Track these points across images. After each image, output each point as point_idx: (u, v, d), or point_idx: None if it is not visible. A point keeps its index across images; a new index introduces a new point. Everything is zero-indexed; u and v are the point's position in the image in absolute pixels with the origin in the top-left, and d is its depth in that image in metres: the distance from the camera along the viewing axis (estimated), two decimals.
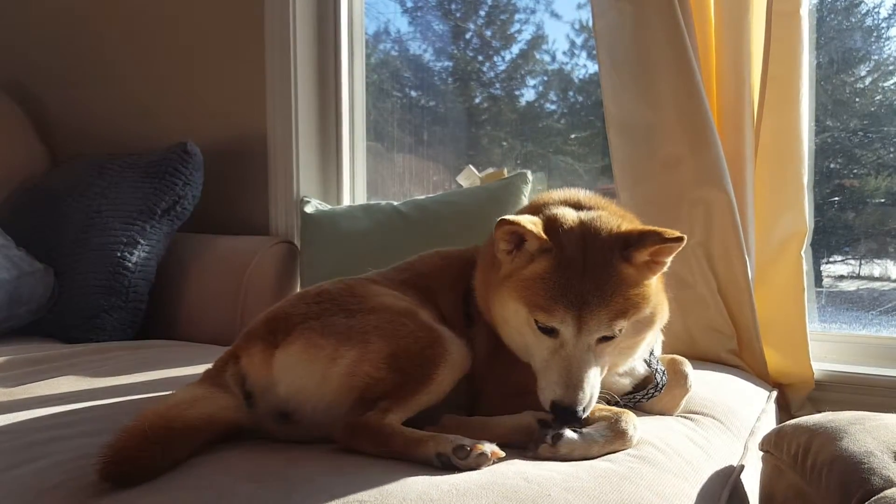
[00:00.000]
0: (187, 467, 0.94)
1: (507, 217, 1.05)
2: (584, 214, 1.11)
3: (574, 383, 1.00)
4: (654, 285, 1.09)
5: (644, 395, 1.21)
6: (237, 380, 1.10)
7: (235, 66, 2.49)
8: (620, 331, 1.04)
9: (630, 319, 1.04)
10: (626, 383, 1.22)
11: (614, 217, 1.11)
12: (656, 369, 1.21)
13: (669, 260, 1.08)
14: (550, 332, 1.04)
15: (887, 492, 0.83)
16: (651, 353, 1.22)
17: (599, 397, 1.06)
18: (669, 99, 1.67)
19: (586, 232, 1.07)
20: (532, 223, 1.06)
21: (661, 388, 1.21)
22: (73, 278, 2.14)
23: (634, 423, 1.05)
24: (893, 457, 0.94)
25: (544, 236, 1.05)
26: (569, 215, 1.10)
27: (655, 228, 1.05)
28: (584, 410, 1.00)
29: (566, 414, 0.99)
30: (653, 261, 1.06)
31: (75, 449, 1.03)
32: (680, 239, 1.03)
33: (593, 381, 1.02)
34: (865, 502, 0.85)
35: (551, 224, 1.08)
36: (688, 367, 1.26)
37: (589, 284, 1.02)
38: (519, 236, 1.07)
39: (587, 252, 1.05)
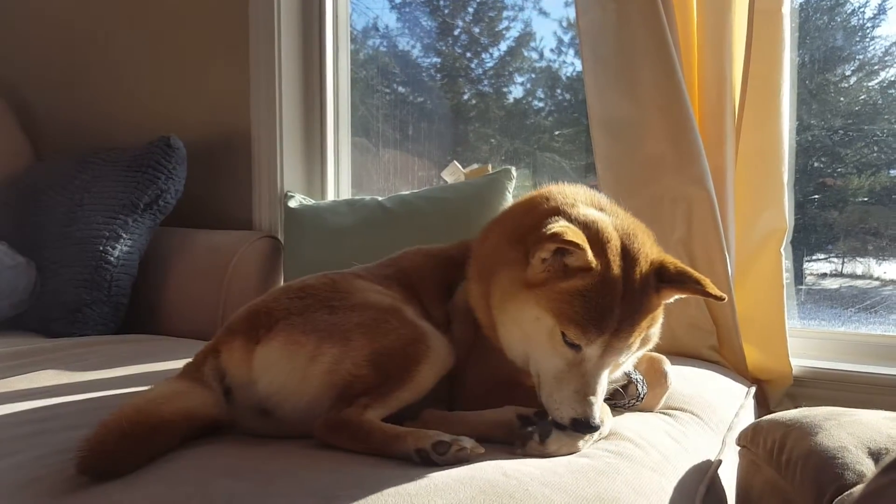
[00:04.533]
0: (165, 462, 0.94)
1: (558, 231, 0.97)
2: (621, 230, 1.07)
3: (592, 400, 1.01)
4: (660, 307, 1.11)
5: (624, 405, 1.22)
6: (216, 375, 1.09)
7: (219, 61, 2.48)
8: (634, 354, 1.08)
9: (645, 344, 1.09)
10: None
11: (645, 237, 1.10)
12: (636, 380, 1.22)
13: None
14: (574, 346, 1.02)
15: (854, 489, 0.84)
16: None
17: None
18: (652, 96, 1.68)
19: (627, 253, 1.04)
20: (584, 239, 0.99)
21: (642, 398, 1.21)
22: (56, 272, 2.13)
23: (607, 413, 1.09)
24: (867, 452, 0.95)
25: (593, 259, 0.99)
26: (610, 231, 1.05)
27: (698, 277, 1.06)
28: (600, 423, 1.03)
29: (587, 429, 1.00)
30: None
31: (55, 443, 1.03)
32: (721, 299, 1.05)
33: (602, 395, 1.04)
34: (837, 498, 0.86)
35: (595, 238, 1.02)
36: (667, 365, 1.27)
37: (626, 311, 1.01)
38: (564, 250, 1.01)
39: (627, 276, 1.02)
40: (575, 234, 0.98)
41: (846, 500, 0.81)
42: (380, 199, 2.14)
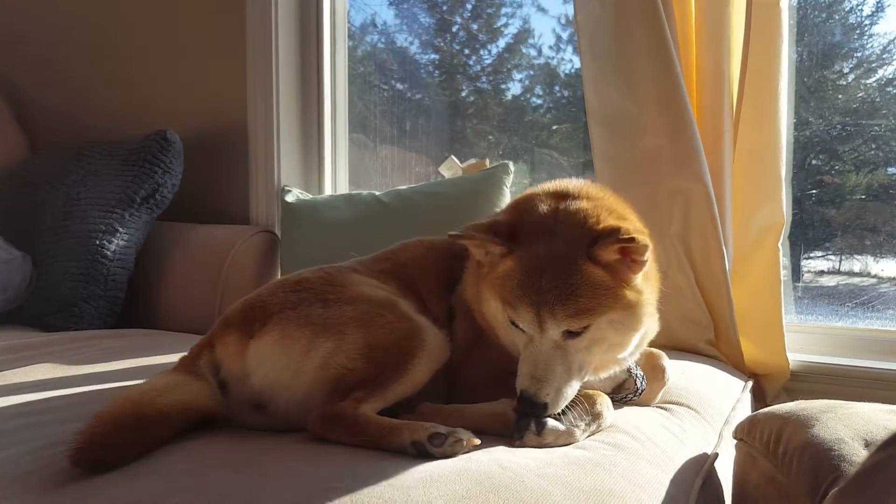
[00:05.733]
0: (160, 454, 0.93)
1: (453, 233, 1.09)
2: (561, 208, 1.09)
3: (539, 376, 1.00)
4: (638, 287, 1.05)
5: (623, 399, 1.22)
6: (211, 368, 1.09)
7: (216, 55, 2.47)
8: (586, 328, 1.02)
9: (599, 318, 1.01)
10: (604, 384, 1.22)
11: (599, 210, 1.07)
12: (636, 374, 1.22)
13: (646, 259, 1.04)
14: (519, 327, 1.05)
15: (845, 476, 0.83)
16: None
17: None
18: (649, 90, 1.68)
19: (556, 228, 1.05)
20: (486, 230, 1.07)
21: (641, 393, 1.22)
22: (52, 266, 2.12)
23: (608, 405, 1.08)
24: (864, 444, 0.94)
25: (496, 244, 1.06)
26: (539, 211, 1.09)
27: (616, 225, 1.02)
28: (548, 406, 1.00)
29: (529, 405, 1.00)
30: (627, 259, 1.03)
31: (49, 436, 1.02)
32: (632, 240, 0.99)
33: (561, 377, 1.01)
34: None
35: (522, 221, 1.08)
36: (665, 360, 1.27)
37: (547, 283, 1.00)
38: (482, 245, 1.09)
39: (552, 249, 1.03)
40: (479, 228, 1.07)
41: (840, 481, 0.81)
42: (377, 193, 2.14)
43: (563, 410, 1.03)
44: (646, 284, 1.08)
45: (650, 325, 1.13)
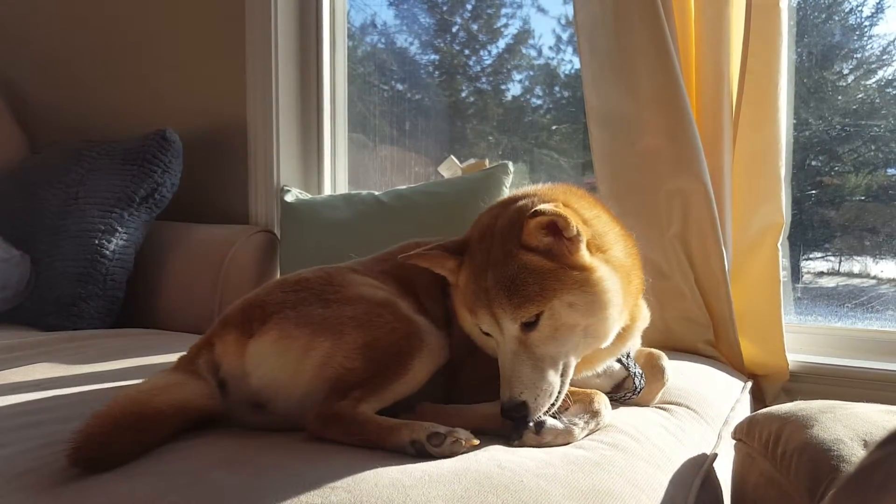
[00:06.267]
0: (158, 453, 0.93)
1: (403, 256, 1.14)
2: (503, 212, 1.10)
3: (509, 378, 1.01)
4: (587, 265, 1.03)
5: (621, 397, 1.22)
6: (210, 367, 1.09)
7: (216, 54, 2.47)
8: (539, 316, 1.01)
9: (550, 302, 1.00)
10: (603, 383, 1.22)
11: (534, 203, 1.06)
12: (634, 373, 1.22)
13: (573, 232, 1.01)
14: (486, 333, 1.07)
15: (842, 475, 0.83)
16: (628, 356, 1.22)
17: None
18: (648, 90, 1.68)
19: (494, 231, 1.08)
20: (435, 246, 1.12)
21: (639, 392, 1.21)
22: (51, 265, 2.12)
23: (605, 403, 1.08)
24: (863, 445, 0.94)
25: (447, 258, 1.11)
26: (485, 220, 1.13)
27: (537, 209, 1.01)
28: (528, 405, 0.99)
29: (509, 409, 0.99)
30: (562, 239, 1.02)
31: (47, 435, 1.02)
32: (536, 213, 0.99)
33: (533, 373, 1.00)
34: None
35: (472, 233, 1.13)
36: (665, 360, 1.27)
37: (491, 281, 1.03)
38: (437, 263, 1.13)
39: (491, 249, 1.06)
40: (428, 248, 1.12)
41: (838, 481, 0.81)
42: (376, 193, 2.14)
43: (559, 410, 1.03)
44: (603, 265, 1.05)
45: (613, 300, 1.06)
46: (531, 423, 1.00)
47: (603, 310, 1.05)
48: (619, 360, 1.22)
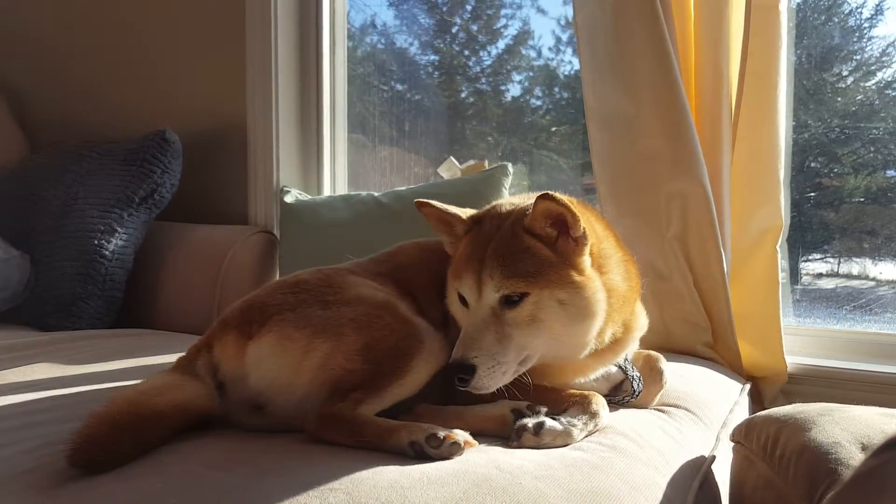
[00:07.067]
0: (157, 455, 0.93)
1: (418, 200, 1.15)
2: (518, 202, 1.14)
3: (467, 341, 1.01)
4: (586, 272, 1.05)
5: (619, 400, 1.22)
6: (209, 369, 1.09)
7: (216, 56, 2.47)
8: (524, 297, 1.02)
9: (540, 290, 1.02)
10: (601, 386, 1.22)
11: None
12: (633, 376, 1.22)
13: (579, 231, 1.03)
14: (465, 301, 1.08)
15: (844, 475, 0.83)
16: (626, 360, 1.22)
17: None
18: (648, 92, 1.68)
19: (509, 214, 1.11)
20: (445, 207, 1.15)
21: (637, 395, 1.22)
22: (50, 266, 2.12)
23: (603, 404, 1.08)
24: (861, 448, 0.94)
25: (464, 217, 1.13)
26: (501, 204, 1.15)
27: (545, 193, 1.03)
28: (477, 370, 0.98)
29: (455, 369, 0.99)
30: (568, 237, 1.05)
31: (46, 436, 1.02)
32: (547, 197, 1.00)
33: (492, 344, 1.01)
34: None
35: (484, 214, 1.14)
36: (663, 363, 1.27)
37: (490, 249, 1.05)
38: (447, 222, 1.15)
39: (500, 226, 1.09)
40: (437, 207, 1.14)
41: (836, 485, 0.81)
42: (375, 194, 2.14)
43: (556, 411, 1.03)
44: (599, 283, 1.07)
45: (597, 312, 1.07)
46: (530, 425, 1.00)
47: (582, 322, 1.06)
48: (616, 363, 1.22)
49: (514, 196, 1.24)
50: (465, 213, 1.16)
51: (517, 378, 1.07)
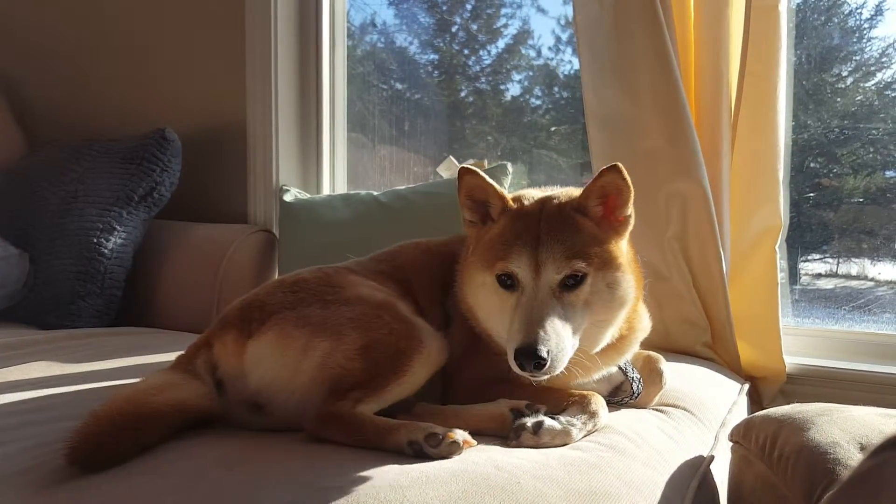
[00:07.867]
0: (156, 453, 0.93)
1: (466, 166, 1.11)
2: (552, 195, 1.14)
3: (534, 321, 0.97)
4: (626, 255, 1.09)
5: (619, 401, 1.22)
6: (208, 367, 1.09)
7: (216, 55, 2.47)
8: (584, 279, 1.02)
9: (596, 272, 1.03)
10: (601, 387, 1.22)
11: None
12: (632, 378, 1.22)
13: (628, 213, 1.07)
14: (511, 285, 1.04)
15: (842, 475, 0.83)
16: (626, 361, 1.22)
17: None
18: (648, 92, 1.68)
19: (548, 199, 1.11)
20: (490, 182, 1.11)
21: (637, 396, 1.22)
22: (49, 264, 2.12)
23: (602, 404, 1.09)
24: (859, 448, 0.95)
25: (505, 193, 1.11)
26: (535, 192, 1.15)
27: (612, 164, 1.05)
28: (548, 354, 0.94)
29: (528, 355, 0.94)
30: (612, 218, 1.07)
31: (44, 434, 1.02)
32: (615, 168, 1.02)
33: (559, 327, 0.98)
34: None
35: (514, 197, 1.13)
36: (663, 364, 1.28)
37: (545, 228, 1.04)
38: (482, 200, 1.12)
39: (545, 208, 1.08)
40: (483, 177, 1.10)
41: (834, 485, 0.81)
42: (375, 193, 2.14)
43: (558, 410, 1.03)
44: (628, 263, 1.10)
45: (629, 303, 1.11)
46: (529, 424, 1.00)
47: (620, 309, 1.08)
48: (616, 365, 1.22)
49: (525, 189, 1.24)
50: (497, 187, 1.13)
51: (517, 381, 1.07)
